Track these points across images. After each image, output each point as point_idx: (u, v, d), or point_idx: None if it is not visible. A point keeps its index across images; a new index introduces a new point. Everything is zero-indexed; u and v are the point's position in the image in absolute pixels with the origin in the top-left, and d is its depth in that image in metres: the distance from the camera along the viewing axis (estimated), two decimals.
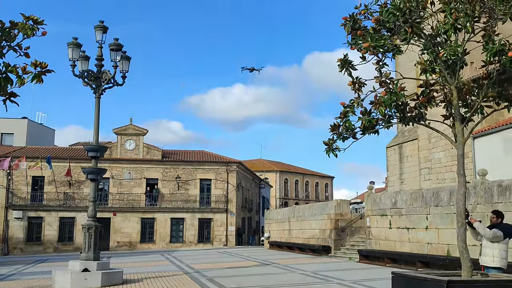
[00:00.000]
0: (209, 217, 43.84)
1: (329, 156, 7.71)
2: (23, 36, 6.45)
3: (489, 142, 22.79)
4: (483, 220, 9.74)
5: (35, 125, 51.98)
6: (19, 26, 6.34)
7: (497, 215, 8.97)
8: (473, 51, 8.07)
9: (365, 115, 7.59)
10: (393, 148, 33.35)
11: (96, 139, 16.65)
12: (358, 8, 7.79)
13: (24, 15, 6.49)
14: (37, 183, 42.48)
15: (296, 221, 32.84)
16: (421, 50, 7.51)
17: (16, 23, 6.35)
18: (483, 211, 15.06)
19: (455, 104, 7.51)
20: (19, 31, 6.37)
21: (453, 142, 7.60)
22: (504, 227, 8.73)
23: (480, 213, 15.06)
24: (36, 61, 6.28)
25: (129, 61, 17.15)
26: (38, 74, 6.26)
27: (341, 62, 7.52)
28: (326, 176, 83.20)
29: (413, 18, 6.99)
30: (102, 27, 16.39)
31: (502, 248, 8.54)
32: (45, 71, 6.30)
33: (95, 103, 16.45)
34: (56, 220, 41.75)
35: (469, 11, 6.73)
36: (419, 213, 18.52)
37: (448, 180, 26.55)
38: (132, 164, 43.67)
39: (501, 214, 9.02)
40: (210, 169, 44.60)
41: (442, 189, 17.82)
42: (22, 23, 6.40)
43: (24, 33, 6.38)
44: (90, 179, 16.23)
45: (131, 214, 42.76)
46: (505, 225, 8.90)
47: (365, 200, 23.61)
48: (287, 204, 67.39)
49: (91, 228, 15.36)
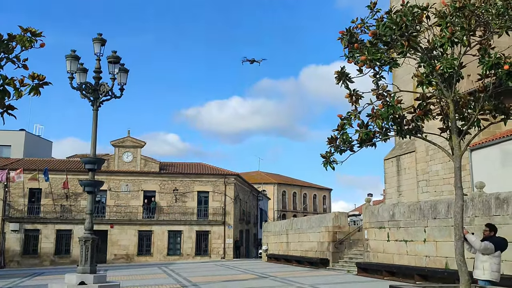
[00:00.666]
0: (206, 229, 43.69)
1: (326, 168, 7.71)
2: (21, 48, 6.46)
3: (487, 154, 22.82)
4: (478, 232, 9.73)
5: (32, 137, 51.92)
6: (17, 39, 6.35)
7: (490, 228, 9.06)
8: (470, 64, 8.12)
9: (362, 128, 7.61)
10: (391, 160, 33.36)
11: (93, 151, 16.61)
12: (355, 22, 7.84)
13: (22, 27, 6.51)
14: (34, 195, 42.34)
15: (294, 233, 32.74)
16: (418, 63, 7.55)
17: (14, 35, 6.36)
18: (480, 223, 15.02)
19: (451, 117, 7.54)
20: (17, 43, 6.39)
21: (450, 155, 7.62)
22: (496, 240, 8.81)
23: (478, 225, 15.03)
24: (34, 74, 6.29)
25: (127, 74, 17.16)
26: (35, 86, 6.26)
27: (338, 75, 7.56)
28: (324, 188, 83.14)
29: (410, 31, 7.03)
30: (100, 39, 16.44)
31: (493, 261, 8.58)
32: (42, 83, 6.30)
33: (93, 115, 16.43)
34: (53, 233, 41.55)
35: (465, 25, 6.78)
36: (417, 226, 18.48)
37: (446, 192, 26.53)
38: (129, 176, 43.58)
39: (494, 227, 9.13)
40: (208, 181, 44.54)
41: (440, 202, 17.80)
42: (20, 35, 6.41)
43: (22, 45, 6.39)
44: (87, 192, 16.17)
45: (128, 226, 42.59)
46: (497, 238, 8.99)
47: (363, 213, 23.57)
48: (285, 217, 67.23)
49: (88, 240, 15.26)
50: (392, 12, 7.37)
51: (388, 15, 7.35)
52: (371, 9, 7.83)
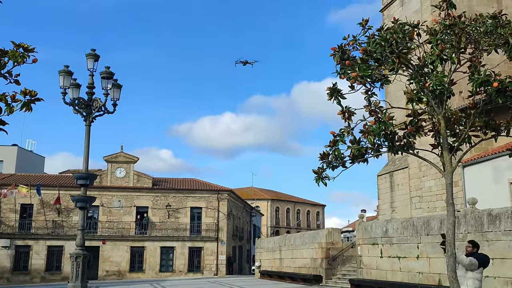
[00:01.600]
0: (199, 245, 43.42)
1: (318, 184, 7.71)
2: (13, 64, 6.45)
3: (479, 171, 22.92)
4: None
5: (25, 152, 51.69)
6: (9, 54, 6.35)
7: (473, 245, 9.20)
8: (462, 81, 8.19)
9: (355, 144, 7.63)
10: (384, 176, 33.41)
11: (85, 166, 16.54)
12: (347, 39, 7.90)
13: (14, 42, 6.50)
14: (26, 211, 42.02)
15: (287, 249, 32.59)
16: (408, 80, 7.61)
17: (6, 51, 6.35)
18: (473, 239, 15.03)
19: (442, 133, 7.58)
20: (9, 58, 6.38)
21: (442, 171, 7.65)
22: (479, 257, 8.93)
23: None
24: (26, 89, 6.27)
25: (120, 89, 17.17)
26: (27, 102, 6.24)
27: (330, 91, 7.60)
28: (317, 205, 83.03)
29: (400, 49, 7.09)
30: (93, 55, 16.48)
31: (476, 277, 8.71)
32: (34, 99, 6.28)
33: (86, 130, 16.39)
34: (44, 249, 41.16)
35: (454, 42, 6.85)
36: (410, 242, 18.47)
37: (439, 208, 26.57)
38: (122, 192, 43.37)
39: (477, 244, 9.30)
40: (201, 197, 44.39)
41: (432, 218, 17.82)
42: (13, 50, 6.41)
43: (15, 60, 6.38)
44: (79, 207, 16.07)
45: (120, 242, 42.28)
46: (480, 254, 9.12)
47: (356, 229, 23.54)
48: (279, 233, 67.00)
49: (79, 257, 15.13)
50: (383, 29, 7.44)
51: (379, 33, 7.42)
52: (363, 26, 7.90)
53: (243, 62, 43.81)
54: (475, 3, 29.14)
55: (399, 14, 32.63)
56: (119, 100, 17.02)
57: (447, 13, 7.60)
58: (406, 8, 32.59)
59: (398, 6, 33.60)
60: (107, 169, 43.90)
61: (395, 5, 34.02)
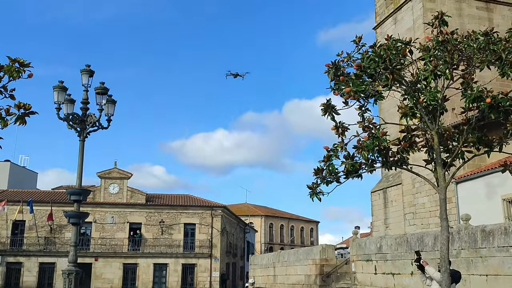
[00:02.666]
0: (192, 262, 43.12)
1: (313, 200, 7.72)
2: (8, 78, 6.47)
3: (472, 187, 22.99)
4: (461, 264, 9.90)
5: (17, 168, 51.40)
6: (5, 69, 6.37)
7: None
8: (454, 97, 8.26)
9: (348, 159, 7.66)
10: (377, 192, 33.42)
11: (79, 182, 16.47)
12: (341, 56, 7.98)
13: (10, 57, 6.52)
14: (18, 227, 41.62)
15: (281, 266, 32.42)
16: (402, 96, 7.67)
17: (2, 65, 6.37)
18: (467, 256, 15.04)
19: (436, 149, 7.63)
20: (5, 73, 6.40)
21: (436, 186, 7.68)
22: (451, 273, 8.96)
23: (465, 258, 15.04)
24: (20, 103, 6.28)
25: (114, 105, 17.20)
26: (21, 115, 6.25)
27: (324, 107, 7.65)
28: (311, 221, 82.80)
29: (394, 65, 7.17)
30: (88, 71, 16.52)
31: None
32: (28, 112, 6.29)
33: (79, 146, 16.36)
34: (36, 266, 40.73)
35: (448, 58, 6.93)
36: (404, 258, 18.42)
37: (432, 225, 26.56)
38: (115, 208, 43.10)
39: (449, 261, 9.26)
40: (195, 213, 44.17)
41: (426, 234, 17.81)
42: (8, 65, 6.43)
43: (10, 75, 6.40)
44: (72, 223, 15.98)
45: (113, 259, 41.90)
46: (452, 270, 9.22)
47: (350, 245, 23.47)
48: (272, 249, 66.67)
49: (72, 273, 15.00)
50: (376, 46, 7.53)
51: (372, 49, 7.50)
52: (357, 43, 7.99)
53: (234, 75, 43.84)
54: (466, 21, 29.52)
55: (392, 32, 32.96)
56: (113, 115, 17.05)
57: (440, 30, 7.70)
58: (399, 26, 32.93)
59: (391, 24, 33.95)
60: (100, 185, 43.69)
61: (388, 23, 34.37)
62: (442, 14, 7.43)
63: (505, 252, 13.68)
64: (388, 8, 34.61)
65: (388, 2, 34.83)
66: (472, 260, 14.85)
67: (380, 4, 35.76)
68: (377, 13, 36.37)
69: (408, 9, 32.26)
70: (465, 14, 30.43)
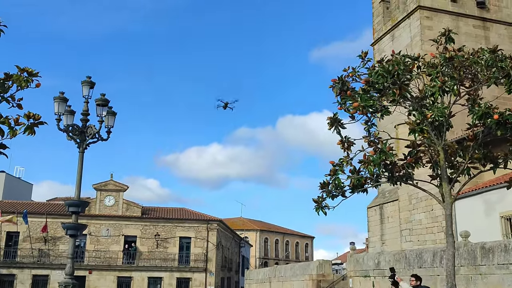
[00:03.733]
0: (187, 276, 42.78)
1: (318, 213, 7.70)
2: (17, 88, 6.45)
3: (470, 204, 22.98)
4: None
5: (12, 179, 51.06)
6: (13, 78, 6.36)
7: (416, 278, 10.72)
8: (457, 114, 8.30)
9: (354, 174, 7.66)
10: (374, 208, 33.37)
11: (78, 193, 16.35)
12: (347, 71, 8.02)
13: (19, 67, 6.53)
14: (12, 239, 41.25)
15: (277, 281, 32.22)
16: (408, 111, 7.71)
17: (11, 75, 6.37)
18: (466, 273, 15.00)
19: (441, 164, 7.65)
20: (13, 82, 6.39)
21: (441, 202, 7.68)
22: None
23: (464, 275, 15.00)
24: (29, 113, 6.27)
25: (114, 117, 17.13)
26: (30, 125, 6.23)
27: (330, 121, 7.67)
28: (306, 236, 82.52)
29: (402, 80, 7.21)
30: (89, 82, 16.48)
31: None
32: (37, 123, 6.27)
33: (79, 157, 16.26)
34: (29, 278, 40.28)
35: (455, 75, 6.98)
36: (403, 275, 18.32)
37: (429, 242, 26.51)
38: (110, 220, 42.81)
39: (419, 277, 10.86)
40: (190, 227, 43.93)
41: (425, 251, 17.78)
42: (17, 74, 6.43)
43: (18, 84, 6.39)
44: (70, 235, 15.80)
45: (107, 272, 41.51)
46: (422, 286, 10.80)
47: (348, 261, 23.38)
48: (267, 264, 66.33)
49: (68, 285, 14.79)
50: (384, 61, 7.57)
51: (379, 64, 7.54)
52: (362, 58, 8.04)
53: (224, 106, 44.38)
54: (463, 39, 29.74)
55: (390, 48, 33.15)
56: (113, 127, 17.00)
57: (445, 47, 7.76)
58: (396, 42, 33.17)
59: (389, 40, 34.20)
60: (96, 197, 43.45)
61: (385, 40, 34.63)
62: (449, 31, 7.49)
63: (505, 270, 13.66)
64: (386, 25, 34.89)
65: (386, 19, 35.13)
66: (472, 277, 14.81)
67: (378, 21, 36.06)
68: (374, 29, 36.66)
69: (406, 26, 32.53)
70: (462, 32, 30.68)
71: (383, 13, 35.46)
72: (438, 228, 26.13)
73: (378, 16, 36.26)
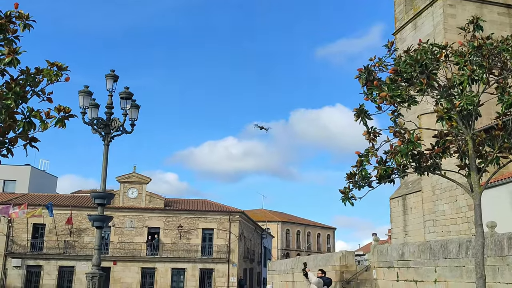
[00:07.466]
0: (210, 267, 43.12)
1: (345, 204, 7.69)
2: (47, 82, 6.56)
3: (495, 194, 22.69)
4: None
5: (38, 172, 51.94)
6: (44, 72, 6.46)
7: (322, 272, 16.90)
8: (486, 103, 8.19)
9: (381, 164, 7.63)
10: (396, 199, 33.16)
11: (103, 185, 16.62)
12: (373, 60, 7.96)
13: (49, 61, 6.63)
14: (38, 231, 42.05)
15: (300, 272, 32.25)
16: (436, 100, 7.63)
17: (42, 69, 6.47)
18: (493, 264, 14.83)
19: (470, 154, 7.56)
20: (43, 76, 6.49)
21: (470, 192, 7.61)
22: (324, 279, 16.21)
23: (491, 266, 14.83)
24: (60, 106, 6.37)
25: (138, 110, 17.32)
26: (61, 118, 6.33)
27: (357, 112, 7.63)
28: (328, 227, 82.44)
29: (430, 69, 7.14)
30: (113, 75, 16.69)
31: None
32: (68, 115, 6.38)
33: (104, 150, 16.52)
34: (55, 269, 41.06)
35: (485, 63, 6.88)
36: (427, 266, 18.24)
37: (453, 232, 26.26)
38: (134, 212, 43.32)
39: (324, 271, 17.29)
40: (213, 218, 44.20)
41: (450, 241, 17.62)
42: (47, 69, 6.52)
43: (49, 78, 6.49)
44: (96, 227, 16.09)
45: (131, 263, 42.09)
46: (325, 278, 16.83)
47: (371, 252, 23.30)
48: (289, 255, 66.46)
49: (95, 276, 15.08)
50: (410, 50, 7.50)
51: (406, 54, 7.47)
52: (389, 48, 7.98)
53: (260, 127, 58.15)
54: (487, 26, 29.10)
55: (412, 37, 32.82)
56: (137, 120, 17.19)
57: (473, 34, 7.66)
58: (418, 31, 32.76)
59: (411, 29, 33.79)
60: (119, 189, 43.96)
61: (407, 29, 34.23)
62: (477, 19, 7.39)
63: None
64: (408, 14, 34.47)
65: (407, 8, 34.69)
66: (499, 268, 14.64)
67: (400, 9, 35.64)
68: (396, 18, 36.26)
69: (429, 14, 32.10)
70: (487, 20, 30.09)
71: (405, 2, 35.02)
72: (462, 219, 25.85)
73: (400, 5, 35.82)
